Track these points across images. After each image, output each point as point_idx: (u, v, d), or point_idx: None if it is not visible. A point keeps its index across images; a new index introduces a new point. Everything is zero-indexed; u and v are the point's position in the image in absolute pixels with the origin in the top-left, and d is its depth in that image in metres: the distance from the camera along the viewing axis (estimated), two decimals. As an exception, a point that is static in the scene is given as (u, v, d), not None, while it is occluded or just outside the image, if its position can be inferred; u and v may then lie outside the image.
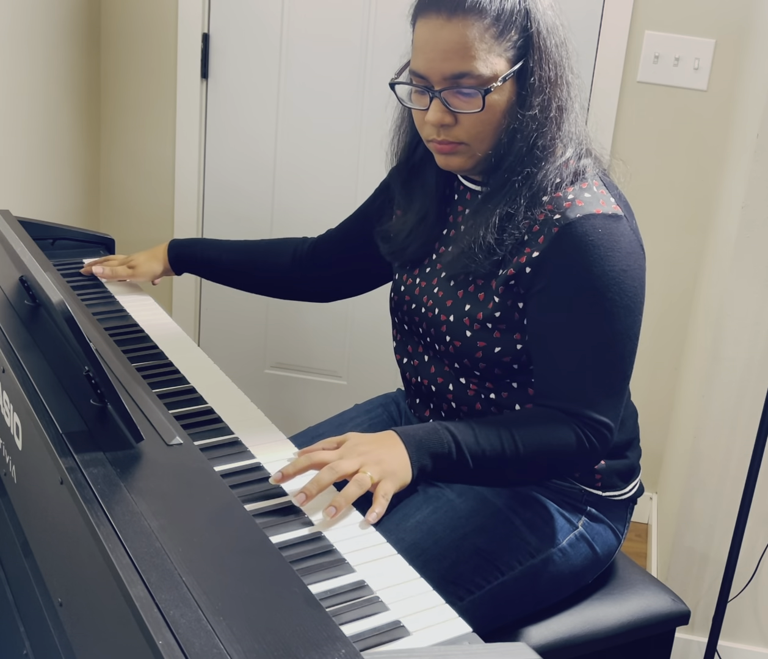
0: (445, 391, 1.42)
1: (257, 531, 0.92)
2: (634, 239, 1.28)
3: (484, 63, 1.24)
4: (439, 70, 1.25)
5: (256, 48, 2.54)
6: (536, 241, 1.26)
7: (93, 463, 0.96)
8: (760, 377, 1.92)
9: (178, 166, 2.63)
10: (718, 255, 2.13)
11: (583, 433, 1.25)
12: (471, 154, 1.30)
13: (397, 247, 1.47)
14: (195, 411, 1.28)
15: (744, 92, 2.14)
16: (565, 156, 1.30)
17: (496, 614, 1.33)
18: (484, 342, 1.33)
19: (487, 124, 1.27)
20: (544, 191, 1.27)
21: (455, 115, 1.27)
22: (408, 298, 1.45)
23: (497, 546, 1.33)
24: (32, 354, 1.16)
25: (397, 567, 1.02)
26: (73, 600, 0.93)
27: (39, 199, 2.33)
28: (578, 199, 1.27)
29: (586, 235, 1.24)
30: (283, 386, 2.83)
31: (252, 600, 0.80)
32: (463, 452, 1.19)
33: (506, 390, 1.37)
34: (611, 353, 1.26)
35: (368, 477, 1.12)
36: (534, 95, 1.27)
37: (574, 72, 1.33)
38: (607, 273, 1.23)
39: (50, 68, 2.31)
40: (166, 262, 1.74)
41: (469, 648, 0.88)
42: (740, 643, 2.13)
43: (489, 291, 1.32)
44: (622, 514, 1.46)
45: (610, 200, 1.29)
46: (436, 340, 1.39)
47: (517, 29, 1.25)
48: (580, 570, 1.41)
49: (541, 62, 1.27)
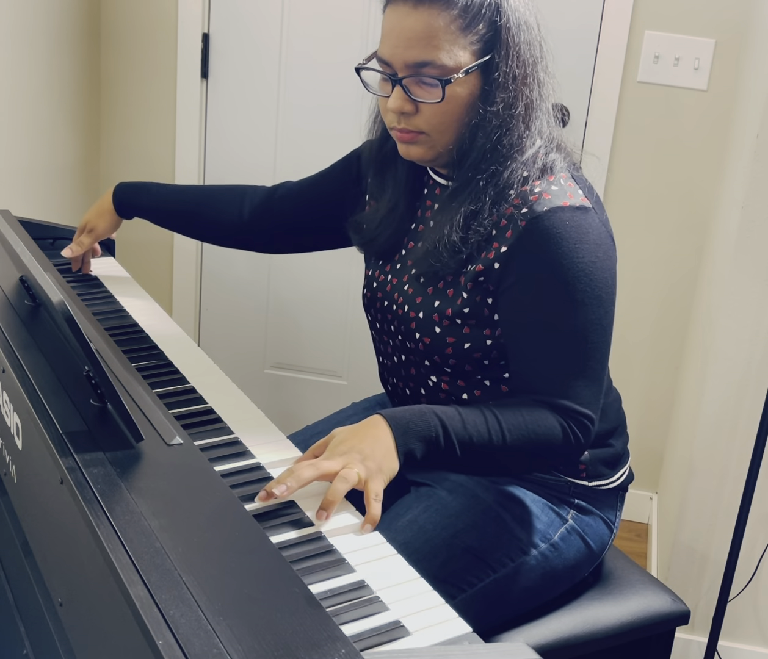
0: (417, 393, 1.41)
1: (257, 531, 0.92)
2: (603, 230, 1.27)
3: (448, 54, 1.23)
4: (402, 57, 1.24)
5: (256, 48, 2.54)
6: (504, 235, 1.26)
7: (93, 463, 0.96)
8: (760, 377, 1.92)
9: (178, 166, 2.63)
10: (717, 255, 2.13)
11: (567, 424, 1.24)
12: (431, 145, 1.30)
13: (367, 237, 1.46)
14: (195, 411, 1.28)
15: (744, 92, 2.14)
16: (533, 151, 1.29)
17: (490, 612, 1.33)
18: (453, 337, 1.32)
19: (447, 115, 1.26)
20: (510, 187, 1.27)
21: (416, 103, 1.26)
22: (380, 295, 1.44)
23: (488, 543, 1.33)
24: (32, 355, 1.16)
25: (397, 567, 1.02)
26: (73, 600, 0.93)
27: (39, 199, 2.33)
28: (545, 193, 1.26)
29: (553, 228, 1.23)
30: (283, 386, 2.83)
31: (252, 600, 0.80)
32: (450, 438, 1.18)
33: (479, 388, 1.36)
34: (585, 344, 1.25)
35: (355, 473, 1.10)
36: (498, 91, 1.25)
37: (548, 72, 1.31)
38: (576, 264, 1.23)
39: (50, 68, 2.31)
40: (113, 210, 1.72)
41: (469, 648, 0.88)
42: (740, 643, 2.13)
43: (458, 287, 1.31)
44: (612, 503, 1.46)
45: (578, 192, 1.28)
46: (407, 338, 1.38)
47: (486, 23, 1.24)
48: (574, 563, 1.40)
49: (507, 58, 1.25)
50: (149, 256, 2.73)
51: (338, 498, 1.08)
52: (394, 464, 1.15)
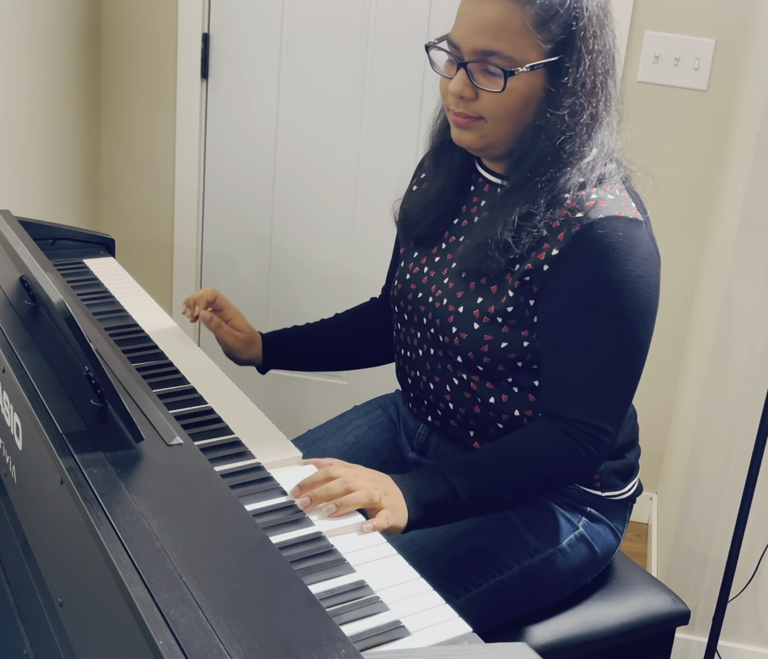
0: (442, 391, 1.41)
1: (257, 531, 0.92)
2: (652, 246, 1.28)
3: (516, 47, 1.23)
4: (471, 42, 1.25)
5: (256, 48, 2.54)
6: (556, 237, 1.26)
7: (93, 463, 0.96)
8: (760, 377, 1.92)
9: (178, 166, 2.63)
10: (718, 255, 2.13)
11: (579, 443, 1.24)
12: (484, 133, 1.30)
13: (410, 220, 1.46)
14: (195, 411, 1.28)
15: (744, 92, 2.14)
16: (590, 159, 1.29)
17: (493, 612, 1.33)
18: (491, 336, 1.32)
19: (505, 107, 1.26)
20: (566, 191, 1.27)
21: (477, 90, 1.27)
22: (414, 287, 1.43)
23: (495, 544, 1.33)
24: (32, 355, 1.16)
25: (397, 567, 1.02)
26: (73, 600, 0.93)
27: (39, 199, 2.33)
28: (601, 200, 1.26)
29: (606, 236, 1.23)
30: (283, 386, 2.82)
31: (252, 600, 0.80)
32: (459, 497, 1.20)
33: (507, 394, 1.36)
34: (619, 358, 1.26)
35: (378, 494, 1.12)
36: (565, 96, 1.25)
37: (617, 85, 1.32)
38: (623, 276, 1.23)
39: (50, 68, 2.31)
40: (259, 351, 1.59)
41: (469, 648, 0.88)
42: (740, 643, 2.13)
43: (503, 284, 1.30)
44: (621, 514, 1.46)
45: (631, 205, 1.28)
46: (441, 332, 1.37)
47: (561, 24, 1.24)
48: (580, 570, 1.40)
49: (579, 65, 1.25)
50: (149, 256, 2.73)
51: (355, 504, 1.10)
52: (404, 520, 1.16)
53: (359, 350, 1.65)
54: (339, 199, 2.61)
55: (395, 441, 1.57)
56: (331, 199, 2.61)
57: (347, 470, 1.15)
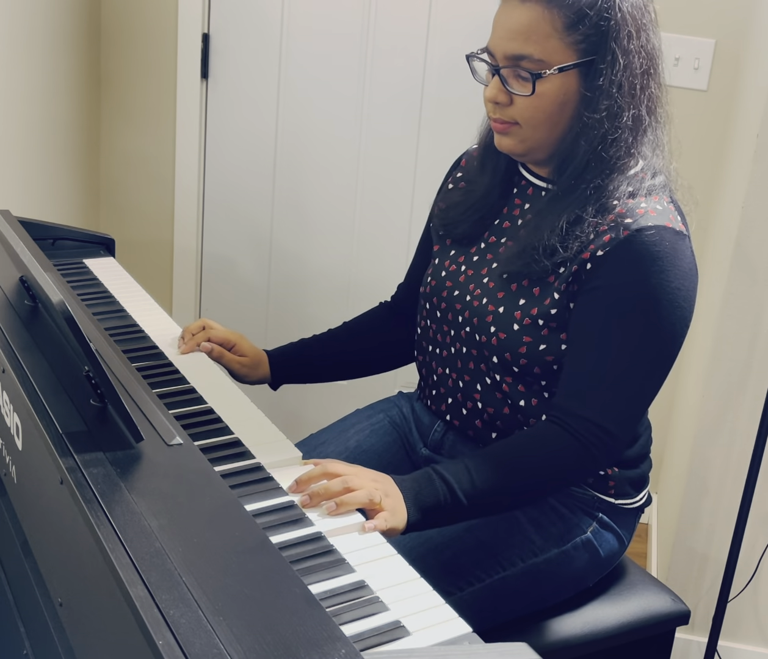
0: (471, 390, 1.40)
1: (257, 531, 0.92)
2: (693, 262, 1.29)
3: (545, 50, 1.24)
4: (503, 49, 1.26)
5: (256, 48, 2.54)
6: (602, 239, 1.25)
7: (93, 463, 0.96)
8: (760, 377, 1.92)
9: (178, 166, 2.63)
10: (718, 255, 2.13)
11: (584, 444, 1.24)
12: (522, 138, 1.30)
13: (450, 219, 1.46)
14: (195, 411, 1.28)
15: (744, 92, 2.14)
16: (638, 169, 1.28)
17: (494, 609, 1.33)
18: (530, 337, 1.31)
19: (538, 110, 1.27)
20: (615, 198, 1.26)
21: (511, 95, 1.28)
22: (450, 284, 1.43)
23: (500, 541, 1.33)
24: (32, 355, 1.16)
25: (398, 567, 1.02)
26: (73, 600, 0.93)
27: (39, 199, 2.33)
28: (651, 210, 1.26)
29: (653, 245, 1.23)
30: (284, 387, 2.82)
31: (252, 600, 0.80)
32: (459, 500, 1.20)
33: (537, 398, 1.35)
34: (645, 366, 1.26)
35: (379, 495, 1.12)
36: (602, 97, 1.25)
37: (661, 87, 1.30)
38: (663, 287, 1.23)
39: (50, 68, 2.31)
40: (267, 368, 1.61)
41: (469, 648, 0.88)
42: (740, 643, 2.13)
43: (547, 287, 1.30)
44: (630, 522, 1.46)
45: (677, 218, 1.29)
46: (478, 331, 1.36)
47: (591, 26, 1.24)
48: (582, 573, 1.41)
49: (613, 65, 1.24)
50: (149, 256, 2.73)
51: (355, 503, 1.10)
52: (403, 522, 1.16)
53: (371, 361, 1.66)
54: (339, 199, 2.61)
55: (398, 445, 1.57)
56: (331, 199, 2.61)
57: (347, 469, 1.15)
